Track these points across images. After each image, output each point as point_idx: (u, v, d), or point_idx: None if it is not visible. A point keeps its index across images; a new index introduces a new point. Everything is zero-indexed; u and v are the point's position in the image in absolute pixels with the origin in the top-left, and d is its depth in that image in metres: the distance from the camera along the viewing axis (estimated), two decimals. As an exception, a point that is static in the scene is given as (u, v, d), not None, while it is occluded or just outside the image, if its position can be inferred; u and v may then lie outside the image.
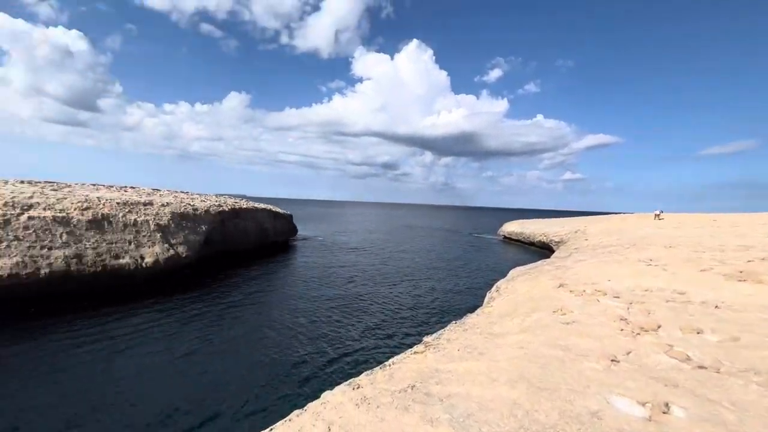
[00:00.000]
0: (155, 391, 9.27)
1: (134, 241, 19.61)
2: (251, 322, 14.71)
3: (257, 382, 9.97)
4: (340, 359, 11.54)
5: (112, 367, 10.38)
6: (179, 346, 12.06)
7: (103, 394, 9.00)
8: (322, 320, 15.23)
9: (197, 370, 10.54)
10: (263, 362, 11.19)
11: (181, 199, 27.34)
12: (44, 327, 12.87)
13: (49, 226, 17.04)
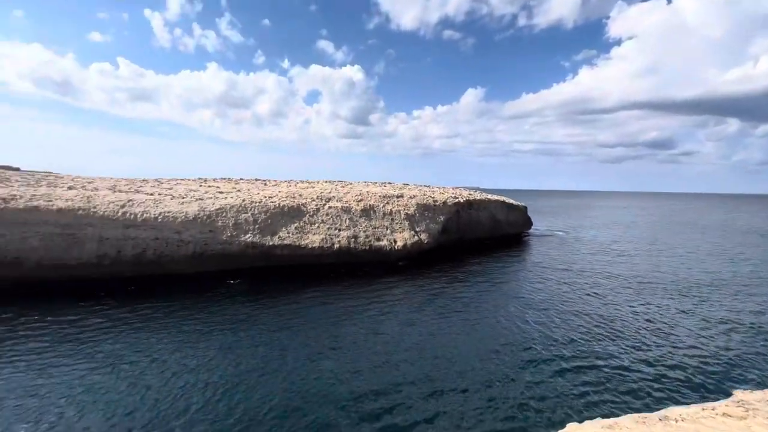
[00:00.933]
0: (399, 353, 10.78)
1: (390, 227, 23.77)
2: (484, 310, 14.82)
3: (484, 375, 9.83)
4: (578, 376, 9.72)
5: (380, 326, 12.91)
6: (422, 318, 13.66)
7: (374, 344, 11.29)
8: (555, 322, 13.43)
9: (432, 347, 11.51)
10: (490, 355, 10.95)
11: (424, 192, 30.96)
12: (329, 290, 17.56)
13: (339, 213, 23.12)
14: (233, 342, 11.46)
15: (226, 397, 8.63)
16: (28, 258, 16.02)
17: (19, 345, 10.76)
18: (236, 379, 9.39)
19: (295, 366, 10.10)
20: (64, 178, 22.43)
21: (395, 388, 9.14)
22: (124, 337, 11.51)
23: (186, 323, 12.77)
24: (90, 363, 9.92)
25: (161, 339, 11.50)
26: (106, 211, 17.72)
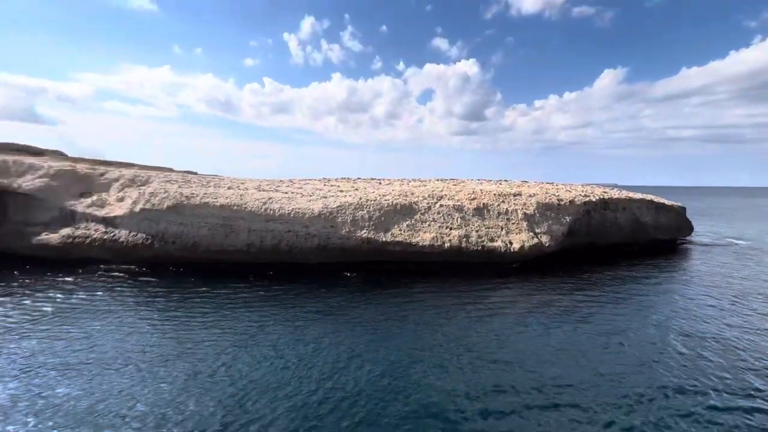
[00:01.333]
0: (502, 358, 9.92)
1: (505, 228, 22.21)
2: (611, 327, 12.52)
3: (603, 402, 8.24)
4: None
5: (482, 327, 12.24)
6: (533, 328, 12.35)
7: (474, 344, 10.76)
8: (715, 362, 10.36)
9: (539, 362, 10.24)
10: (607, 381, 9.12)
11: (546, 190, 27.94)
12: (439, 287, 17.28)
13: (450, 212, 22.68)
14: (344, 326, 12.33)
15: (328, 374, 9.30)
16: (201, 243, 20.35)
17: (193, 309, 13.71)
18: (338, 357, 10.05)
19: (398, 356, 10.27)
20: (225, 180, 27.73)
21: (495, 395, 8.43)
22: (260, 310, 13.58)
23: (308, 304, 14.32)
24: (237, 325, 11.97)
25: (287, 315, 13.16)
26: (253, 207, 21.16)
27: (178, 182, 23.69)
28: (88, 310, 13.48)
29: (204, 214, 20.87)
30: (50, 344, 10.74)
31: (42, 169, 22.64)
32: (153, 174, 25.16)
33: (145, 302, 14.52)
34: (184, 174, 29.51)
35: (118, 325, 12.16)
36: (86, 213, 21.22)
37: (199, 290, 15.92)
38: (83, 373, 9.33)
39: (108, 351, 10.44)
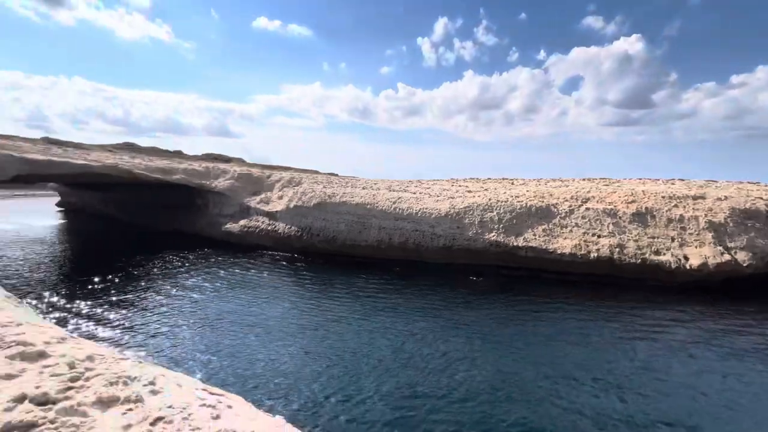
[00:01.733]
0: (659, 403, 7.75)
1: (678, 238, 17.80)
2: None
3: None
4: None
5: (628, 351, 9.99)
6: (718, 379, 9.38)
7: (612, 369, 8.85)
8: None
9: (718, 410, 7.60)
10: None
11: (747, 192, 21.25)
12: (580, 305, 14.87)
13: (599, 216, 19.46)
14: (463, 328, 11.77)
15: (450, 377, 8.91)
16: (338, 237, 22.62)
17: (332, 291, 15.30)
18: (452, 357, 9.54)
19: (518, 368, 9.18)
20: (360, 181, 30.20)
21: None
22: (385, 300, 14.18)
23: (429, 305, 14.27)
24: (364, 309, 12.76)
25: (408, 308, 13.36)
26: (384, 206, 22.39)
27: (323, 183, 26.93)
28: (258, 284, 16.50)
29: (342, 212, 23.13)
30: (234, 305, 13.49)
31: (230, 173, 28.88)
32: (304, 176, 29.25)
33: (297, 282, 16.95)
34: (328, 176, 33.38)
35: (277, 297, 14.48)
36: (256, 208, 26.09)
37: (337, 277, 17.70)
38: (254, 328, 11.36)
39: (267, 316, 12.48)
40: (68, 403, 2.81)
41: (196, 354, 9.99)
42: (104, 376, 3.46)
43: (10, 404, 2.68)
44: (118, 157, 27.05)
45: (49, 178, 27.63)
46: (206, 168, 29.40)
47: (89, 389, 3.09)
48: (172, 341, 10.73)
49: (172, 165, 28.34)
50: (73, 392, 2.99)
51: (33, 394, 2.79)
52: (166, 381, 4.02)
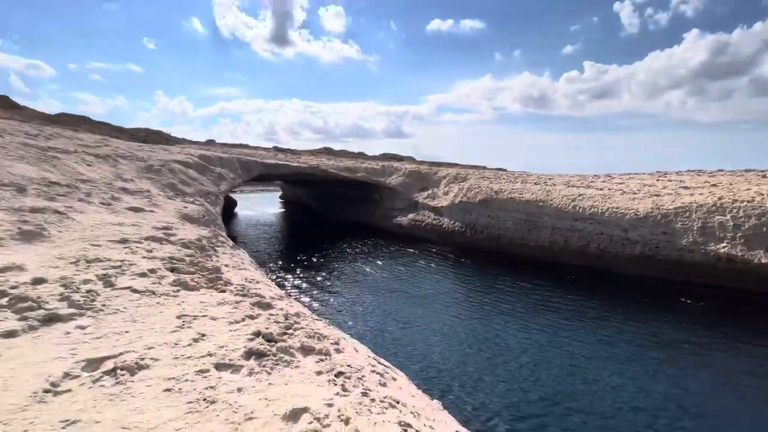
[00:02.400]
0: None
1: None
2: None
3: None
4: None
5: None
6: None
7: None
8: None
9: None
10: None
11: None
12: None
13: None
14: (670, 367, 9.12)
15: (663, 434, 7.01)
16: (504, 235, 21.42)
17: (496, 293, 14.68)
18: (658, 399, 7.38)
19: None
20: (532, 176, 27.67)
21: None
22: (557, 312, 12.50)
23: (616, 323, 11.76)
24: (536, 319, 11.64)
25: (587, 326, 11.35)
26: (559, 204, 19.87)
27: (489, 179, 26.05)
28: (424, 273, 17.47)
29: (509, 209, 21.79)
30: (402, 291, 14.73)
31: (401, 171, 31.44)
32: (471, 172, 29.02)
33: (461, 277, 17.05)
34: (496, 171, 32.08)
35: (441, 288, 14.95)
36: (424, 203, 27.51)
37: (501, 276, 16.86)
38: (419, 314, 12.11)
39: (431, 304, 13.02)
40: (283, 344, 3.59)
41: (369, 327, 11.37)
42: (305, 330, 4.27)
43: (251, 336, 3.62)
44: (319, 159, 33.39)
45: (276, 177, 36.56)
46: (382, 166, 32.91)
47: (296, 337, 3.88)
48: (352, 313, 12.54)
49: (356, 164, 33.01)
50: (286, 337, 3.81)
51: (264, 333, 3.70)
52: (346, 344, 4.67)
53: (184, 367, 2.88)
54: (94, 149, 15.07)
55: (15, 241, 5.70)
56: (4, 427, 2.02)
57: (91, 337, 3.26)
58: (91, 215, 7.99)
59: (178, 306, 4.24)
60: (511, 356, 9.84)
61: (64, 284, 4.32)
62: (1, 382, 2.44)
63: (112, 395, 2.42)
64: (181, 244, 7.36)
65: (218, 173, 20.14)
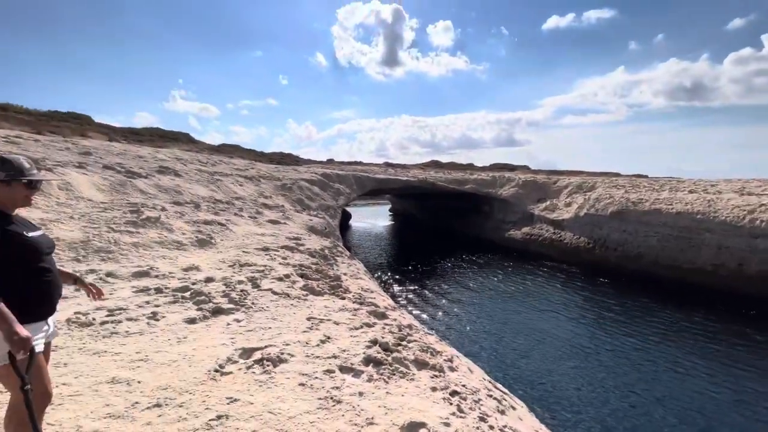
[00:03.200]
0: None
1: None
2: None
3: None
4: None
5: None
6: None
7: None
8: None
9: None
10: None
11: None
12: None
13: None
14: None
15: None
16: (646, 254, 18.03)
17: (630, 324, 12.38)
18: None
19: None
20: (684, 182, 22.79)
21: None
22: (721, 367, 9.74)
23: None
24: (684, 373, 9.37)
25: None
26: (728, 217, 15.85)
27: (624, 187, 22.47)
28: (541, 293, 15.92)
29: (653, 222, 18.32)
30: (516, 311, 13.68)
31: (514, 181, 29.57)
32: (599, 180, 25.53)
33: (591, 300, 14.96)
34: (632, 178, 27.55)
35: (563, 312, 13.35)
36: (541, 215, 25.24)
37: (644, 304, 14.16)
38: (537, 339, 11.03)
39: (550, 329, 11.69)
40: (398, 355, 3.68)
41: (482, 348, 10.81)
42: (418, 343, 4.30)
43: (369, 343, 3.82)
44: (427, 173, 33.87)
45: (387, 191, 38.41)
46: (493, 177, 31.53)
47: (410, 350, 3.93)
48: (461, 331, 12.15)
49: (464, 177, 32.39)
50: (401, 348, 3.90)
51: (380, 341, 3.86)
52: (459, 362, 4.53)
53: (314, 366, 3.19)
54: (244, 172, 18.30)
55: (194, 246, 7.26)
56: (190, 396, 2.55)
57: (244, 329, 3.90)
58: (243, 226, 9.67)
59: (308, 309, 4.76)
60: (668, 409, 8.11)
61: (225, 283, 5.30)
62: (189, 358, 3.10)
63: (260, 382, 2.83)
64: (308, 253, 8.29)
65: (336, 189, 22.22)
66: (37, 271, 1.82)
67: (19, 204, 1.86)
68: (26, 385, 1.60)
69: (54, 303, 1.92)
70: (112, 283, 4.95)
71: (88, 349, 3.18)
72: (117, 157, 12.92)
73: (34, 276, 1.81)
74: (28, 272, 1.78)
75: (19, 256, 1.75)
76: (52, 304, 1.90)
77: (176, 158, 16.53)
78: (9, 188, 1.80)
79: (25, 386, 1.60)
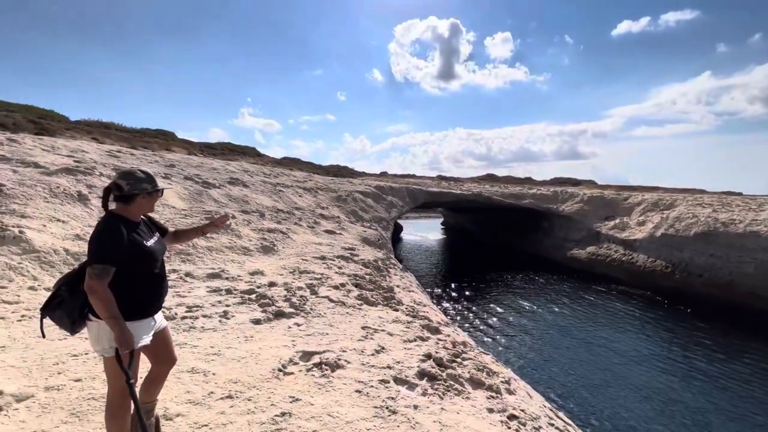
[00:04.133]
0: None
1: None
2: None
3: None
4: None
5: None
6: None
7: None
8: None
9: None
10: None
11: None
12: None
13: None
14: None
15: None
16: (741, 282, 15.74)
17: (712, 361, 10.80)
18: None
19: None
20: (789, 202, 19.68)
21: None
22: None
23: None
24: None
25: None
26: None
27: (711, 205, 19.98)
28: (601, 321, 14.56)
29: (748, 246, 15.99)
30: (581, 338, 12.65)
31: (578, 197, 27.67)
32: (679, 197, 23.00)
33: (672, 330, 13.38)
34: (721, 196, 24.45)
35: (642, 345, 12.06)
36: (608, 234, 23.26)
37: (736, 339, 12.31)
38: (604, 371, 10.08)
39: (621, 360, 10.59)
40: (452, 372, 3.61)
41: (542, 373, 10.13)
42: (473, 361, 4.18)
43: (423, 357, 3.79)
44: (482, 187, 33.00)
45: (439, 204, 38.06)
46: (554, 192, 29.82)
47: (465, 368, 3.84)
48: (519, 354, 11.49)
49: (522, 191, 31.03)
50: (455, 365, 3.82)
51: (434, 356, 3.82)
52: (517, 385, 4.31)
53: (369, 374, 3.25)
54: (303, 183, 19.31)
55: (259, 252, 7.79)
56: (257, 391, 2.74)
57: (304, 333, 4.09)
58: (302, 235, 10.18)
59: (362, 318, 4.86)
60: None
61: (287, 288, 5.61)
62: (255, 355, 3.33)
63: (320, 385, 2.95)
64: (362, 264, 8.48)
65: (389, 201, 22.50)
66: (151, 276, 2.03)
67: (146, 211, 2.10)
68: (130, 379, 1.79)
69: (161, 303, 2.17)
70: (190, 282, 5.48)
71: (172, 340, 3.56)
72: (195, 169, 14.37)
73: (149, 280, 2.02)
74: (144, 277, 2.00)
75: (139, 263, 1.96)
76: (158, 305, 2.14)
77: (244, 170, 17.96)
78: (149, 199, 2.05)
79: (130, 380, 1.79)
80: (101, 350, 1.88)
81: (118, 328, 1.78)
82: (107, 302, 1.77)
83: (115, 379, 1.88)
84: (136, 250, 1.93)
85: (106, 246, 1.82)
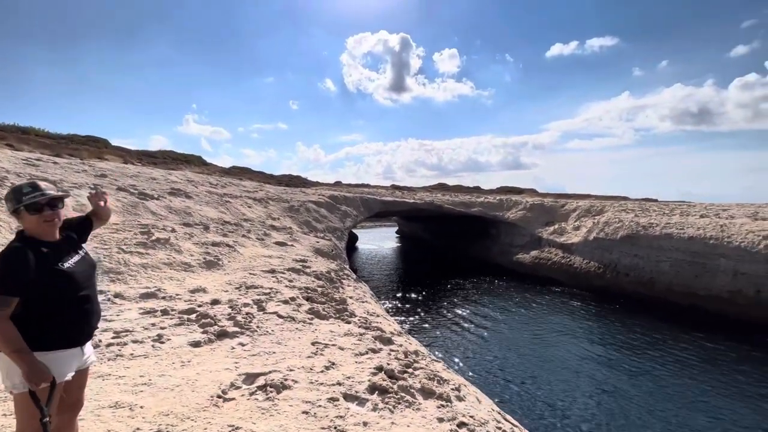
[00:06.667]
0: None
1: None
2: None
3: None
4: None
5: None
6: None
7: None
8: None
9: None
10: None
11: None
12: None
13: None
14: None
15: None
16: (659, 280, 17.61)
17: (636, 351, 11.95)
18: None
19: None
20: (695, 206, 22.52)
21: None
22: (744, 396, 9.28)
23: None
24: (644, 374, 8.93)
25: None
26: (743, 242, 15.52)
27: (634, 211, 22.24)
28: (551, 319, 15.52)
29: (665, 247, 17.99)
30: (527, 338, 13.31)
31: (521, 204, 29.48)
32: (607, 203, 25.34)
33: (603, 327, 14.53)
34: (641, 202, 27.31)
35: (574, 337, 12.95)
36: (549, 239, 24.97)
37: (659, 331, 13.69)
38: (548, 367, 10.67)
39: (562, 356, 11.31)
40: (404, 383, 3.59)
41: (490, 375, 10.48)
42: (425, 370, 4.20)
43: (374, 370, 3.74)
44: (434, 195, 33.98)
45: (393, 213, 38.52)
46: (500, 200, 31.50)
47: (416, 377, 3.84)
48: (468, 358, 11.82)
49: (471, 199, 32.41)
50: (407, 375, 3.81)
51: (386, 368, 3.78)
52: (467, 392, 4.39)
53: (318, 393, 3.13)
54: (253, 194, 18.58)
55: (201, 268, 7.30)
56: (192, 422, 2.51)
57: (248, 353, 3.86)
58: (250, 248, 9.72)
59: (313, 333, 4.71)
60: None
61: (231, 306, 5.29)
62: (192, 382, 3.07)
63: (263, 409, 2.78)
64: (314, 276, 8.27)
65: (344, 211, 22.35)
66: (74, 300, 1.79)
67: (43, 229, 1.77)
68: (45, 418, 1.58)
69: (89, 331, 1.90)
70: (120, 304, 4.98)
71: (93, 372, 3.17)
72: (131, 179, 13.25)
73: (70, 305, 1.78)
74: (64, 302, 1.76)
75: (53, 288, 1.72)
76: (88, 331, 1.89)
77: (188, 180, 16.88)
78: (21, 218, 1.76)
79: (44, 418, 1.57)
80: (11, 386, 1.66)
81: (25, 363, 1.58)
82: (7, 336, 1.57)
83: (26, 419, 1.65)
84: (47, 274, 1.71)
85: (4, 274, 1.60)
